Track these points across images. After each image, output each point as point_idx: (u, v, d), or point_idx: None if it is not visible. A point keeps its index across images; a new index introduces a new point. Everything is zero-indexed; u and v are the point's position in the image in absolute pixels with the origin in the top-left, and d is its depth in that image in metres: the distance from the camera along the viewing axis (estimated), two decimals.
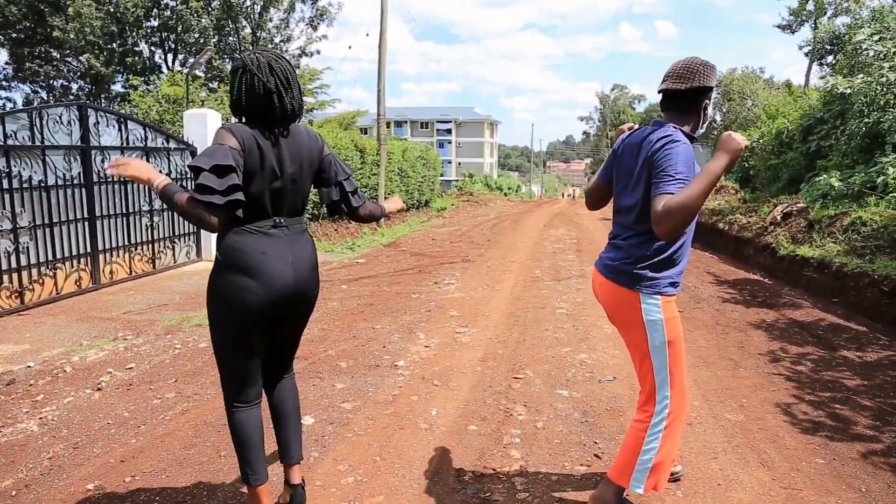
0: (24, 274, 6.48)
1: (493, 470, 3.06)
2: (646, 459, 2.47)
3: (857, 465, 3.18)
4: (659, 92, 2.53)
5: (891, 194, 8.46)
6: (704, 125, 2.56)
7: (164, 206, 8.65)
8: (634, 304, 2.44)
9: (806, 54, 21.65)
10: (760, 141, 16.28)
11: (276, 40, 30.65)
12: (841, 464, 3.18)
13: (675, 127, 2.40)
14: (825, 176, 9.95)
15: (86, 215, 7.31)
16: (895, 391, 4.21)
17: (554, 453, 3.25)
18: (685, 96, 2.46)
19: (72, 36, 24.61)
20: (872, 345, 5.35)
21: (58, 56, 27.11)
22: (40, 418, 3.74)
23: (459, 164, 63.58)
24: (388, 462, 3.14)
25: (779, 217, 9.82)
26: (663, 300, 2.42)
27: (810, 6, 21.42)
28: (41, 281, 6.68)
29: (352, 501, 2.78)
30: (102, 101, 27.11)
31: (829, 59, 16.68)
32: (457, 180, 42.37)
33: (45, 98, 27.78)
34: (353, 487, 2.89)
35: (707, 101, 2.51)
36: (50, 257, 6.81)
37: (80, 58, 26.19)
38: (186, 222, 9.18)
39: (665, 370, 2.46)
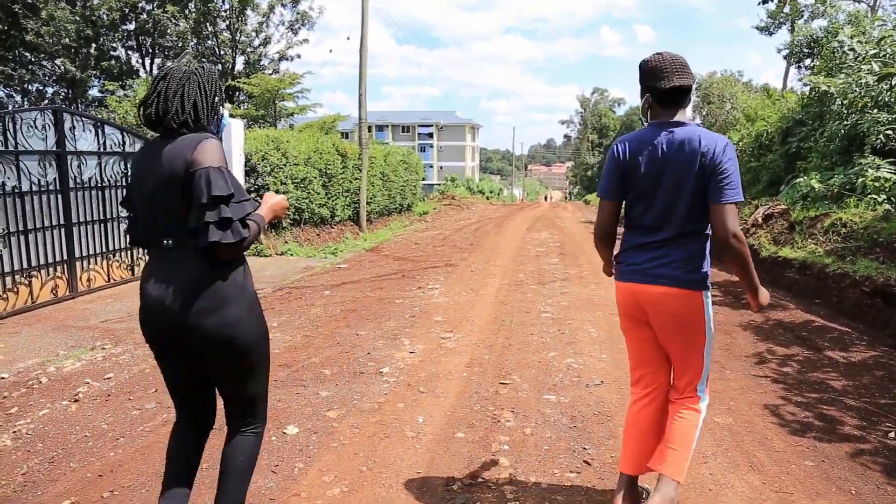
0: None
1: (483, 478, 3.01)
2: (693, 449, 2.46)
3: (845, 466, 3.17)
4: (669, 89, 2.35)
5: (869, 196, 8.57)
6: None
7: None
8: (700, 306, 2.41)
9: (784, 57, 22.02)
10: (740, 144, 16.44)
11: (255, 43, 30.43)
12: (830, 466, 3.17)
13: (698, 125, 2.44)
14: (805, 177, 10.05)
15: (62, 222, 7.15)
16: (880, 391, 4.23)
17: (543, 460, 3.21)
18: (690, 91, 2.43)
19: (46, 39, 24.22)
20: (856, 345, 5.38)
21: (32, 59, 26.66)
22: (14, 432, 3.62)
23: (441, 167, 63.46)
24: (375, 472, 3.07)
25: (760, 219, 9.89)
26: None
27: (787, 9, 21.79)
28: (16, 290, 6.52)
29: None
30: (79, 105, 26.69)
31: (808, 61, 16.95)
32: (439, 184, 42.32)
33: (20, 102, 27.29)
34: (339, 499, 2.82)
35: None
36: (25, 265, 6.65)
37: (56, 61, 25.78)
38: None
39: (710, 361, 2.49)
